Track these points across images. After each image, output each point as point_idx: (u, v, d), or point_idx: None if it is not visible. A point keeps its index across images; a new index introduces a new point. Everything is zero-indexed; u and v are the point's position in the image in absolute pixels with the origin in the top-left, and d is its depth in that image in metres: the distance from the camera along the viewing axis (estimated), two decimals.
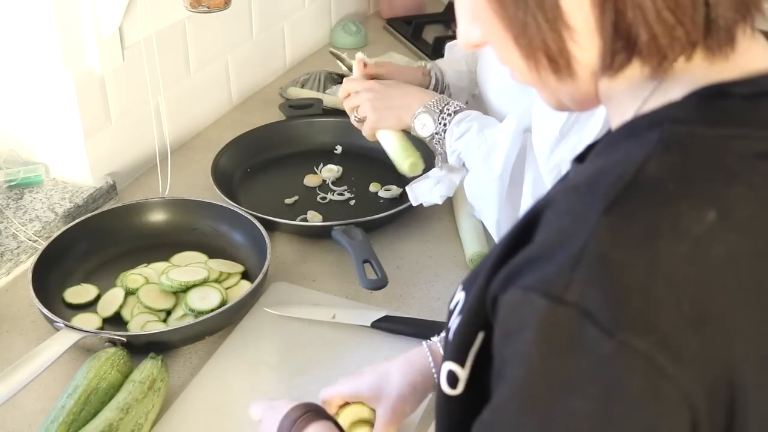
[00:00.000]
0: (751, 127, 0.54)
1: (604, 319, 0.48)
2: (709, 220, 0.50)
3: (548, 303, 0.49)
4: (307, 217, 1.40)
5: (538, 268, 0.51)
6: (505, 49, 0.60)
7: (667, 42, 0.54)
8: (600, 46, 0.56)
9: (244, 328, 1.15)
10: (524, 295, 0.51)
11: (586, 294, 0.48)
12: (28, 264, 1.24)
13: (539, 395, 0.50)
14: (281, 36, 1.94)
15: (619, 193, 0.51)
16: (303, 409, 0.87)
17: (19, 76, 1.37)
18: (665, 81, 0.57)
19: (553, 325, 0.49)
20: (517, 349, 0.51)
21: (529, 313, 0.50)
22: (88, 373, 1.01)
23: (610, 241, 0.50)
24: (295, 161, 1.56)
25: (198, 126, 1.70)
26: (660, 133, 0.54)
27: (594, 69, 0.57)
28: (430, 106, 1.24)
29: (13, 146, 1.45)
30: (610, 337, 0.47)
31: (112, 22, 1.35)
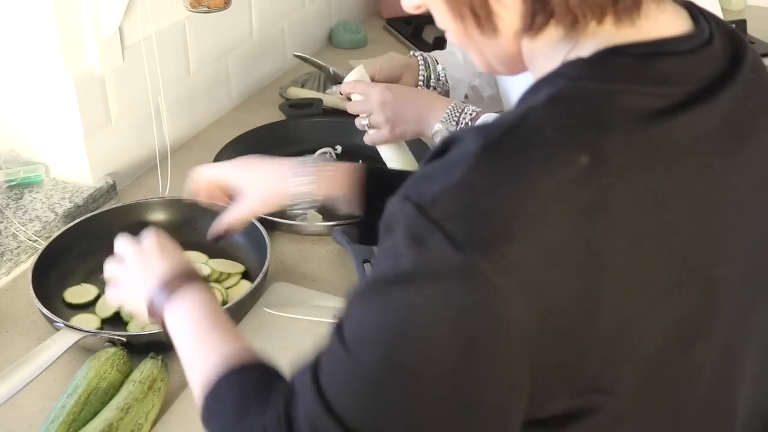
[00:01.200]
0: (636, 83, 0.58)
1: (458, 238, 0.53)
2: (581, 164, 0.54)
3: (415, 212, 0.55)
4: (307, 217, 1.40)
5: (420, 185, 0.57)
6: (438, 8, 0.65)
7: (577, 3, 0.57)
8: (521, 7, 0.60)
9: (244, 328, 1.15)
10: (402, 203, 0.56)
11: (448, 212, 0.54)
12: (28, 264, 1.24)
13: (388, 281, 0.57)
14: (281, 36, 1.94)
15: (499, 134, 0.56)
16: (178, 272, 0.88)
17: (19, 76, 1.37)
18: (579, 44, 0.61)
19: (414, 231, 0.55)
20: (388, 243, 0.57)
21: (400, 217, 0.56)
22: (88, 373, 1.01)
23: (481, 172, 0.55)
24: None
25: (198, 126, 1.70)
26: (552, 87, 0.58)
27: (516, 29, 0.61)
28: (446, 118, 1.24)
29: (13, 146, 1.45)
30: (459, 253, 0.52)
31: (112, 22, 1.35)
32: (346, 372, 0.59)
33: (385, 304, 0.57)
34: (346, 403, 0.59)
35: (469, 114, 1.23)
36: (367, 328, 0.58)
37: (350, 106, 1.33)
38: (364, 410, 0.58)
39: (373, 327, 0.58)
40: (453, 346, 0.54)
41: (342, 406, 0.59)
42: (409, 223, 0.55)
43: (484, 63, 0.69)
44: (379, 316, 0.57)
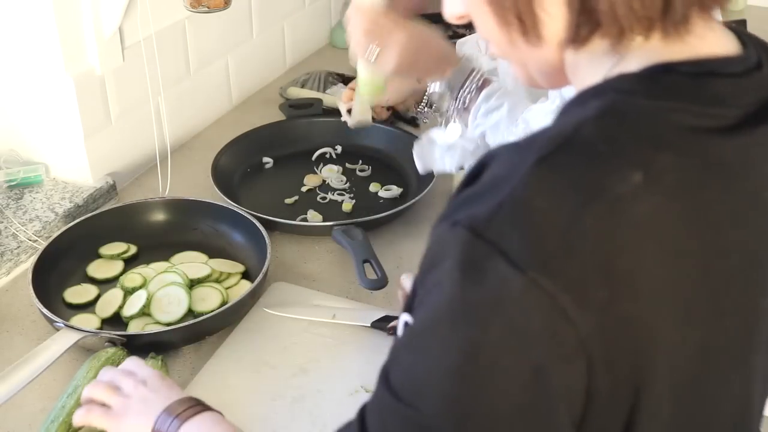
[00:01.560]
0: (688, 102, 0.56)
1: (517, 258, 0.50)
2: (634, 181, 0.53)
3: (469, 236, 0.52)
4: (307, 217, 1.40)
5: (468, 207, 0.54)
6: (482, 17, 0.63)
7: (624, 13, 0.56)
8: (566, 17, 0.58)
9: (244, 328, 1.15)
10: (451, 228, 0.53)
11: (505, 233, 0.51)
12: (28, 264, 1.24)
13: (445, 321, 0.53)
14: (281, 36, 1.94)
15: (551, 148, 0.54)
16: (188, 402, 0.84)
17: (19, 76, 1.37)
18: (624, 58, 0.60)
19: (469, 257, 0.52)
20: (437, 278, 0.54)
21: (451, 245, 0.53)
22: (88, 373, 1.01)
23: (535, 188, 0.53)
24: (295, 161, 1.56)
25: (198, 126, 1.70)
26: (603, 100, 0.57)
27: (561, 39, 0.60)
28: (451, 79, 1.17)
29: (13, 146, 1.45)
30: (520, 274, 0.50)
31: (112, 22, 1.35)
32: (401, 424, 0.55)
33: (442, 346, 0.53)
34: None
35: (475, 80, 1.16)
36: (423, 374, 0.54)
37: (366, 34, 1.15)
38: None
39: (429, 372, 0.54)
40: (522, 380, 0.52)
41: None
42: (464, 248, 0.52)
43: (526, 76, 0.67)
44: (436, 360, 0.54)
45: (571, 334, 0.51)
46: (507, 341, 0.51)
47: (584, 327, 0.51)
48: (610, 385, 0.53)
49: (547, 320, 0.51)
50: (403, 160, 1.53)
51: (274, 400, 1.04)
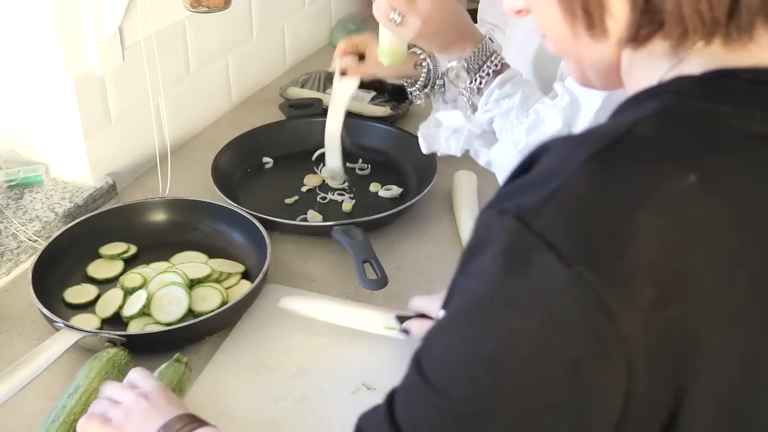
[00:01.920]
0: (747, 108, 0.56)
1: (565, 251, 0.50)
2: (689, 182, 0.52)
3: (517, 225, 0.52)
4: (307, 217, 1.40)
5: (518, 197, 0.54)
6: (546, 9, 0.62)
7: (690, 13, 0.55)
8: (629, 15, 0.58)
9: (244, 329, 1.15)
10: (499, 216, 0.53)
11: (553, 226, 0.51)
12: (28, 264, 1.24)
13: (484, 308, 0.53)
14: (281, 36, 1.94)
15: (606, 144, 0.54)
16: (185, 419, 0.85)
17: (19, 76, 1.37)
18: (684, 61, 0.59)
19: (515, 246, 0.52)
20: (480, 264, 0.54)
21: (497, 232, 0.53)
22: (89, 373, 1.01)
23: (588, 183, 0.52)
24: (295, 161, 1.56)
25: (198, 126, 1.70)
26: (660, 100, 0.56)
27: (621, 38, 0.60)
28: (470, 58, 1.14)
29: (13, 146, 1.45)
30: (566, 268, 0.50)
31: (112, 22, 1.35)
32: (429, 410, 0.55)
33: (480, 334, 0.53)
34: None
35: (494, 64, 1.13)
36: (457, 360, 0.54)
37: None
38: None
39: (463, 359, 0.54)
40: (556, 374, 0.51)
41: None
42: (510, 237, 0.52)
43: (580, 74, 0.67)
44: (472, 347, 0.53)
45: (613, 333, 0.50)
46: (545, 334, 0.51)
47: (627, 326, 0.50)
48: (650, 389, 0.52)
49: (589, 316, 0.50)
50: (403, 160, 1.54)
51: (277, 401, 1.03)
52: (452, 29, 1.14)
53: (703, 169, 0.53)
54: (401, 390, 0.59)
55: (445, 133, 1.18)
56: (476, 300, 0.54)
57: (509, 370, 0.52)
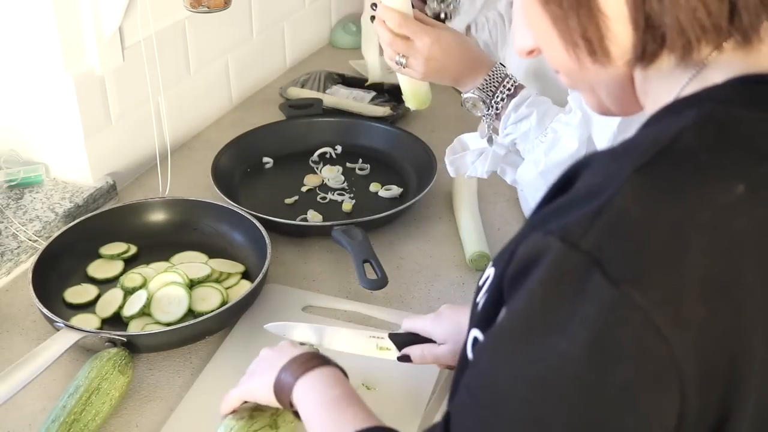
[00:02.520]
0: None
1: (613, 270, 0.49)
2: (737, 193, 0.51)
3: (563, 247, 0.51)
4: (307, 217, 1.40)
5: (562, 217, 0.53)
6: (550, 43, 0.62)
7: (689, 24, 0.55)
8: (632, 35, 0.58)
9: (244, 329, 1.15)
10: (544, 238, 0.52)
11: (600, 244, 0.50)
12: (28, 264, 1.24)
13: (532, 330, 0.53)
14: (281, 36, 1.94)
15: (651, 156, 0.53)
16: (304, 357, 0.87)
17: (19, 76, 1.37)
18: (703, 71, 0.58)
19: (562, 267, 0.51)
20: (524, 287, 0.53)
21: (544, 255, 0.52)
22: (89, 373, 1.01)
23: (634, 197, 0.51)
24: (295, 161, 1.56)
25: (198, 126, 1.70)
26: (699, 109, 0.55)
27: (628, 59, 0.59)
28: (482, 87, 1.16)
29: (13, 146, 1.45)
30: (614, 287, 0.49)
31: (112, 22, 1.35)
32: (483, 429, 0.55)
33: (528, 355, 0.53)
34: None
35: (507, 88, 1.15)
36: (507, 380, 0.54)
37: (390, 43, 1.16)
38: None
39: (513, 379, 0.54)
40: (606, 396, 0.50)
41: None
42: (557, 258, 0.51)
43: (597, 103, 0.67)
44: (520, 367, 0.53)
45: (664, 353, 0.49)
46: (594, 355, 0.50)
47: (678, 345, 0.49)
48: (699, 409, 0.51)
49: (638, 337, 0.49)
50: (403, 160, 1.54)
51: None
52: (458, 62, 1.16)
53: (750, 179, 0.52)
54: (455, 410, 0.59)
55: (471, 157, 1.20)
56: (524, 321, 0.53)
57: (558, 391, 0.51)
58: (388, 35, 1.16)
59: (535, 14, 0.62)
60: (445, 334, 0.97)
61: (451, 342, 0.95)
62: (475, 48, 1.20)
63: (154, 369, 1.10)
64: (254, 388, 0.89)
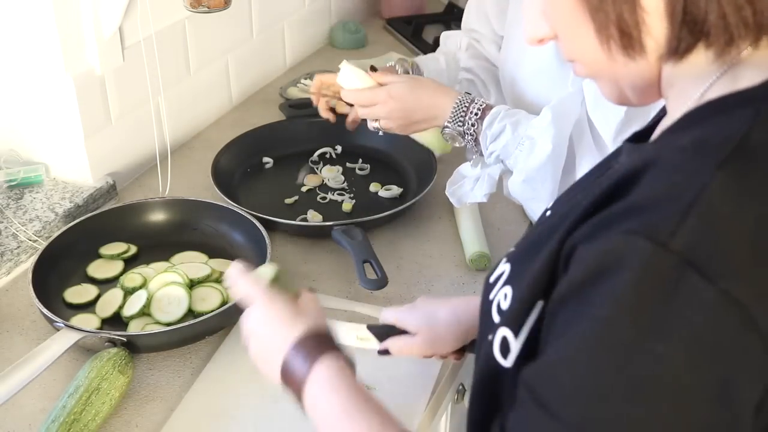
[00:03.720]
0: None
1: (709, 268, 0.49)
2: None
3: (653, 247, 0.50)
4: (307, 217, 1.40)
5: (643, 216, 0.52)
6: (577, 33, 0.62)
7: (735, 21, 0.55)
8: (668, 29, 0.58)
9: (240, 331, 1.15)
10: (626, 239, 0.51)
11: (693, 243, 0.50)
12: (28, 264, 1.24)
13: (626, 336, 0.51)
14: (281, 36, 1.94)
15: (729, 153, 0.53)
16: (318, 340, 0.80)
17: (19, 76, 1.37)
18: (733, 68, 0.59)
19: (654, 268, 0.50)
20: (608, 291, 0.51)
21: (629, 256, 0.51)
22: (89, 373, 1.01)
23: (722, 194, 0.51)
24: (295, 161, 1.56)
25: (198, 126, 1.70)
26: (755, 108, 0.56)
27: (661, 53, 0.60)
28: (452, 119, 1.21)
29: (13, 146, 1.45)
30: (712, 285, 0.49)
31: (112, 22, 1.35)
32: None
33: (621, 361, 0.51)
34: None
35: (474, 113, 1.20)
36: (594, 391, 0.52)
37: (359, 112, 1.30)
38: None
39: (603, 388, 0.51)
40: (707, 394, 0.50)
41: None
42: (646, 259, 0.50)
43: (616, 92, 0.67)
44: (613, 376, 0.51)
45: (760, 348, 0.49)
46: (693, 355, 0.50)
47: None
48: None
49: (738, 332, 0.49)
50: (403, 160, 1.54)
51: (277, 402, 1.03)
52: (419, 103, 1.24)
53: None
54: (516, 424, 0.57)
55: (469, 184, 1.25)
56: (612, 327, 0.52)
57: (658, 395, 0.50)
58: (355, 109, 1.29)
59: (566, 4, 0.62)
60: (417, 324, 0.98)
61: (424, 332, 0.97)
62: (433, 84, 1.27)
63: (154, 369, 1.10)
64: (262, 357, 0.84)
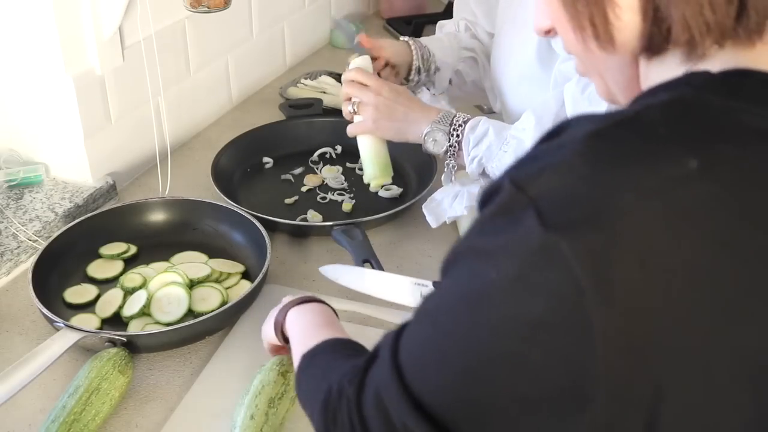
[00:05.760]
0: (758, 106, 0.56)
1: (547, 216, 0.52)
2: (689, 167, 0.53)
3: (513, 189, 0.54)
4: (307, 217, 1.40)
5: (524, 165, 0.57)
6: (562, 26, 0.65)
7: (695, 20, 0.57)
8: (640, 25, 0.60)
9: (244, 329, 1.15)
10: (501, 180, 0.56)
11: (543, 191, 0.53)
12: (28, 264, 1.24)
13: (468, 254, 0.57)
14: (281, 36, 1.94)
15: (610, 123, 0.56)
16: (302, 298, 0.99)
17: (19, 76, 1.37)
18: (699, 64, 0.60)
19: (506, 205, 0.55)
20: (477, 218, 0.58)
21: (498, 192, 0.56)
22: (89, 373, 1.01)
23: (584, 156, 0.54)
24: (295, 161, 1.56)
25: (198, 126, 1.70)
26: (673, 92, 0.58)
27: (634, 48, 0.61)
28: (438, 121, 1.24)
29: (13, 146, 1.45)
30: (544, 232, 0.51)
31: (112, 22, 1.35)
32: (419, 339, 0.61)
33: (462, 275, 0.57)
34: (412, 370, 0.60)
35: (461, 119, 1.23)
36: (445, 297, 0.59)
37: (345, 87, 1.31)
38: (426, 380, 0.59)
39: (450, 296, 0.59)
40: (521, 328, 0.53)
41: (409, 373, 0.60)
42: (506, 198, 0.55)
43: (606, 89, 0.69)
44: (456, 286, 0.58)
45: (579, 304, 0.51)
46: (515, 288, 0.53)
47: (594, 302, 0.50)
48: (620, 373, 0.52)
49: (558, 282, 0.51)
50: (402, 160, 1.53)
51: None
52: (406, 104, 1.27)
53: (705, 157, 0.53)
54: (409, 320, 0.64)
55: (447, 201, 1.27)
56: (467, 245, 0.58)
57: (483, 315, 0.55)
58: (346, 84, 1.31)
59: None
60: None
61: None
62: (424, 103, 1.31)
63: (154, 369, 1.10)
64: (263, 331, 1.03)
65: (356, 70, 1.32)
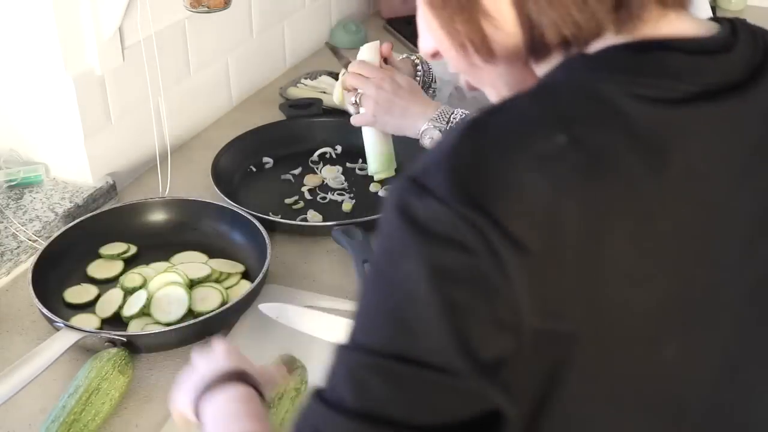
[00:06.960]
0: (629, 74, 0.59)
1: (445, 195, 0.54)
2: (558, 142, 0.56)
3: (407, 183, 0.57)
4: (307, 217, 1.40)
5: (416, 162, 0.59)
6: (445, 46, 0.67)
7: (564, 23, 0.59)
8: (521, 35, 0.62)
9: (244, 329, 1.15)
10: (398, 179, 0.58)
11: (432, 176, 0.56)
12: (28, 264, 1.24)
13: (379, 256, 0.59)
14: (281, 36, 1.94)
15: (487, 111, 0.59)
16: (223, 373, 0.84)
17: (19, 76, 1.37)
18: None
19: (404, 199, 0.56)
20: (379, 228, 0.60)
21: (393, 191, 0.58)
22: (89, 373, 1.01)
23: (462, 141, 0.57)
24: (295, 161, 1.56)
25: (198, 126, 1.70)
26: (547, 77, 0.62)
27: (522, 56, 0.64)
28: (436, 118, 1.24)
29: (13, 146, 1.45)
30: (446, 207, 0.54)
31: (112, 22, 1.35)
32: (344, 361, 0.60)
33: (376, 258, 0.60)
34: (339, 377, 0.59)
35: (459, 116, 1.24)
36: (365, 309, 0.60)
37: (348, 78, 1.32)
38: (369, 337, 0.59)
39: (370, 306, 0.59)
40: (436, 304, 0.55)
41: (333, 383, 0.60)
42: (401, 193, 0.57)
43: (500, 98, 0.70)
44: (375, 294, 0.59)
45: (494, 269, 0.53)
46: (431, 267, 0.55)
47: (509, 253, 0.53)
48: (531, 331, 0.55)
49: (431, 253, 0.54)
50: (402, 159, 1.53)
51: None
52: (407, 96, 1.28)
53: (573, 131, 0.56)
54: None
55: None
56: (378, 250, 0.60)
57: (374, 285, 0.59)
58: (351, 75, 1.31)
59: (428, 18, 0.67)
60: None
61: None
62: (426, 97, 1.31)
63: (154, 369, 1.10)
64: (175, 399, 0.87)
65: (361, 62, 1.32)
